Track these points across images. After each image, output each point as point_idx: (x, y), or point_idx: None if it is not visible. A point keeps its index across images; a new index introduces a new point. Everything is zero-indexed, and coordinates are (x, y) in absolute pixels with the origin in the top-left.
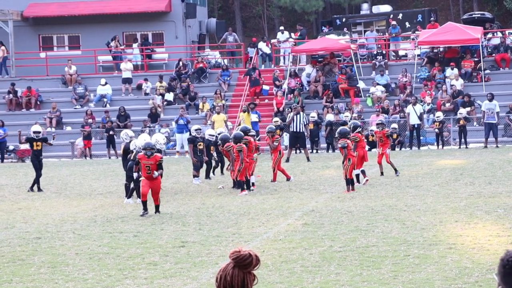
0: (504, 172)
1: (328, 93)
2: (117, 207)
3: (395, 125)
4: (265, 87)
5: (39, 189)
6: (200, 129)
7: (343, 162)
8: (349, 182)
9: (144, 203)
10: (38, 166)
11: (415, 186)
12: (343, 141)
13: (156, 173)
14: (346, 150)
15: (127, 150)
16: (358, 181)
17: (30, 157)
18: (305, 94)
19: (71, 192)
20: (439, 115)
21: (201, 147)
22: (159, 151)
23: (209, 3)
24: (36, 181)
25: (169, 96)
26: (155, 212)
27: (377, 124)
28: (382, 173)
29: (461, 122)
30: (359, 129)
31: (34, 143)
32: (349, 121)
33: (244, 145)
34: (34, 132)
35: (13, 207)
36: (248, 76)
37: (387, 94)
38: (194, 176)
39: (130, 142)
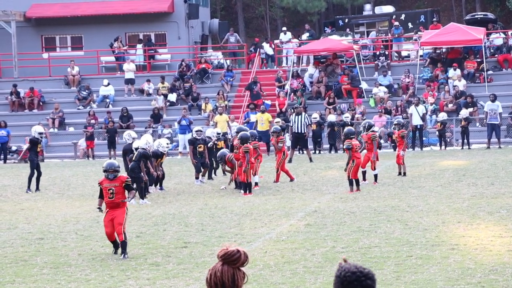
0: (506, 172)
1: (329, 94)
2: None
3: (375, 128)
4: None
5: (29, 188)
6: (201, 131)
7: (347, 164)
8: (352, 183)
9: (114, 243)
10: (35, 165)
11: (417, 186)
12: (347, 143)
13: (128, 199)
14: (351, 152)
15: (126, 151)
16: (364, 179)
17: (30, 157)
18: (308, 95)
19: (74, 193)
20: (442, 116)
21: (201, 149)
22: (161, 154)
23: (212, 4)
24: (32, 180)
25: (172, 97)
26: (122, 254)
27: (395, 124)
28: (400, 173)
29: (462, 122)
30: (374, 128)
31: (38, 145)
32: (349, 122)
33: (251, 147)
34: (39, 133)
35: (16, 207)
36: (249, 90)
37: (389, 95)
38: (196, 178)
39: (132, 143)
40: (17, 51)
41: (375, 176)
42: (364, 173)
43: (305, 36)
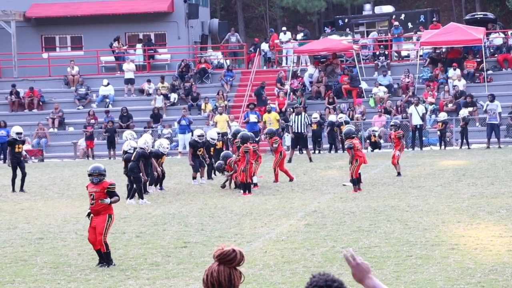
0: (506, 172)
1: (329, 94)
2: (119, 207)
3: (375, 128)
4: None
5: (13, 190)
6: (202, 136)
7: (350, 163)
8: (355, 182)
9: (98, 252)
10: (16, 167)
11: (417, 186)
12: (349, 142)
13: (107, 200)
14: (353, 151)
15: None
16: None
17: (10, 158)
18: (308, 95)
19: (74, 193)
20: (442, 115)
21: (200, 152)
22: (161, 154)
23: (212, 4)
24: (22, 180)
25: (174, 97)
26: (101, 264)
27: (391, 125)
28: (398, 173)
29: (461, 122)
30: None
31: (16, 146)
32: (344, 121)
33: (250, 147)
34: (17, 134)
35: (16, 207)
36: (256, 96)
37: (389, 95)
38: (194, 178)
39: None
40: (17, 51)
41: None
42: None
43: (299, 36)
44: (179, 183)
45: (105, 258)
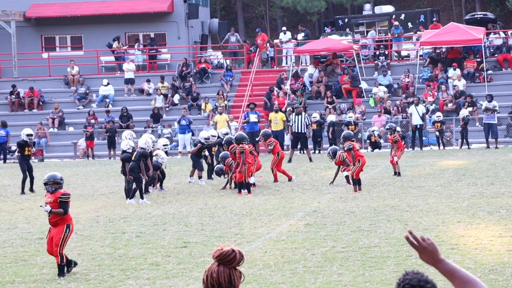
0: (506, 172)
1: (328, 94)
2: (120, 207)
3: (375, 128)
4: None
5: (23, 192)
6: (208, 139)
7: (353, 164)
8: (356, 182)
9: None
10: (26, 168)
11: (417, 186)
12: (348, 144)
13: (46, 207)
14: (353, 152)
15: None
16: (348, 182)
17: (19, 161)
18: (308, 95)
19: (73, 193)
20: (439, 115)
21: (204, 153)
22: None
23: (212, 4)
24: (30, 182)
25: (176, 98)
26: (58, 275)
27: (387, 129)
28: (395, 173)
29: (460, 122)
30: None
31: (26, 148)
32: (353, 121)
33: (246, 146)
34: (27, 135)
35: (16, 207)
36: (267, 99)
37: (389, 95)
38: (199, 177)
39: (128, 144)
40: (17, 51)
41: (347, 177)
42: (347, 177)
43: (300, 36)
44: (179, 183)
45: (59, 270)
